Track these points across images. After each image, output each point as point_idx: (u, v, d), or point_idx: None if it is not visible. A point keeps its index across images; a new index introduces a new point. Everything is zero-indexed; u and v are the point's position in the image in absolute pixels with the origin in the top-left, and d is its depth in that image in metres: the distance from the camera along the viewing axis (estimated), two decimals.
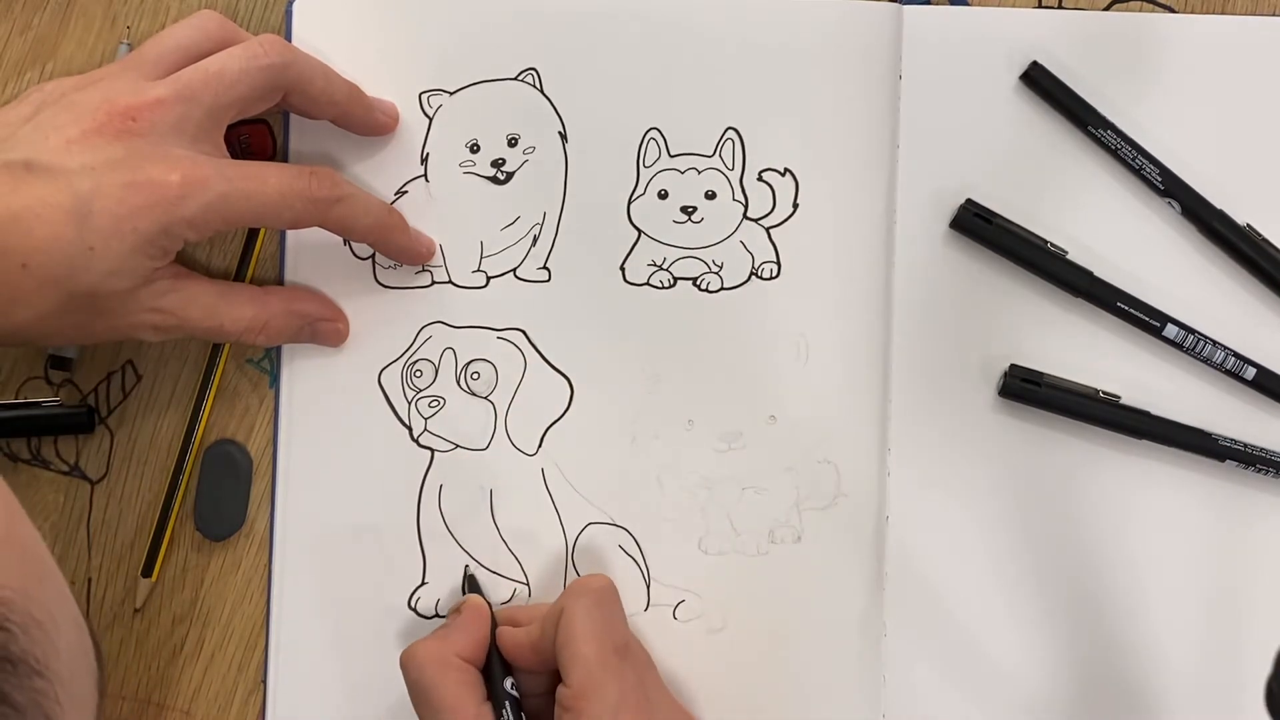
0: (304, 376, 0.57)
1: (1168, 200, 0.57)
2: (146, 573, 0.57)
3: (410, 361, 0.57)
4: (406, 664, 0.51)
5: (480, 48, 0.57)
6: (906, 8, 0.57)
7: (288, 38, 0.57)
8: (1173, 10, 0.58)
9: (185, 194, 0.48)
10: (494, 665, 0.52)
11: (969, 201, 0.57)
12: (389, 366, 0.57)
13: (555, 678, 0.51)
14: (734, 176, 0.57)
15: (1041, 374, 0.57)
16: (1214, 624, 0.57)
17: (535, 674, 0.53)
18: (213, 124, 0.51)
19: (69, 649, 0.34)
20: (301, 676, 0.57)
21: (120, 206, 0.47)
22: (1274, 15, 0.58)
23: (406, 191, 0.57)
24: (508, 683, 0.52)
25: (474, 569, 0.57)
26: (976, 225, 0.57)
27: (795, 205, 0.57)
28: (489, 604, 0.54)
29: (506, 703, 0.51)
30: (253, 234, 0.57)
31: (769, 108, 0.57)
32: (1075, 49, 0.57)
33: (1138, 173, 0.57)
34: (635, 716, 0.48)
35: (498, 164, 0.57)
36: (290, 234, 0.57)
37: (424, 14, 0.57)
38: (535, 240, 0.57)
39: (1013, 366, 0.57)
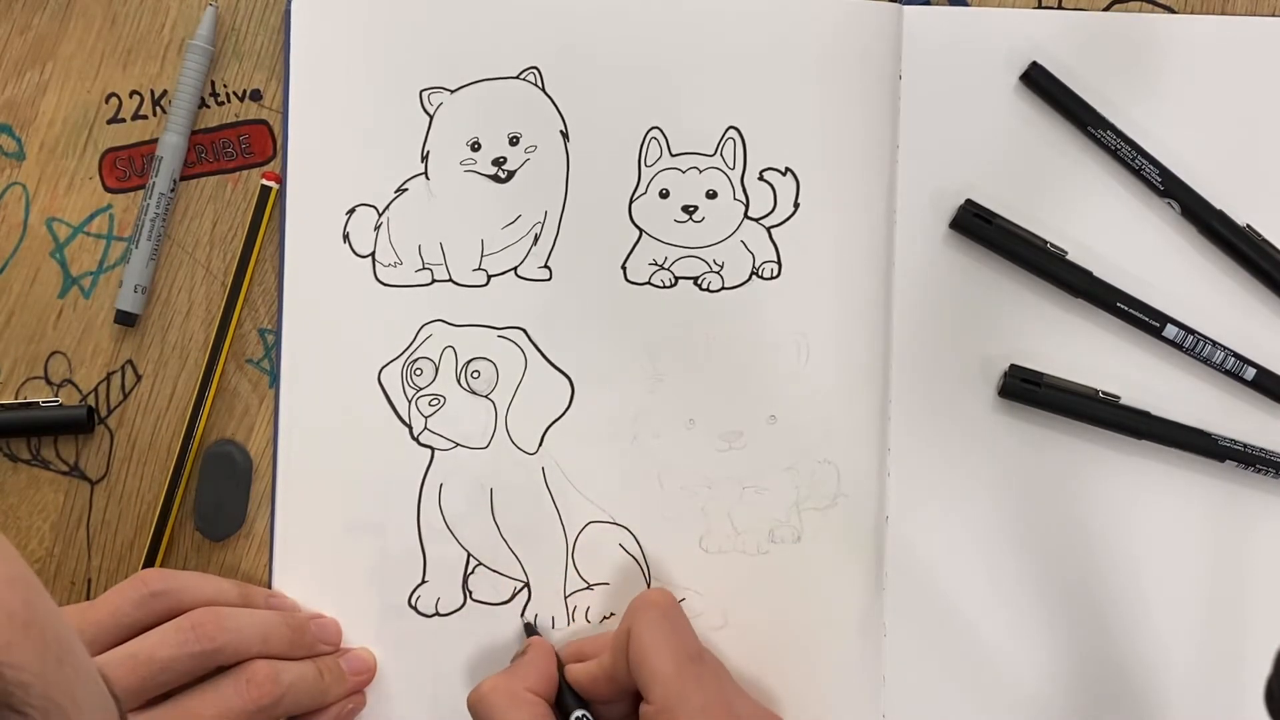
0: (304, 376, 0.57)
1: (1168, 200, 0.57)
2: None
3: (410, 360, 0.57)
4: (476, 703, 0.51)
5: (481, 46, 0.57)
6: (906, 8, 0.58)
7: (287, 37, 0.57)
8: (1173, 10, 0.58)
9: None
10: (566, 698, 0.53)
11: (969, 202, 0.57)
12: (389, 365, 0.57)
13: (632, 702, 0.51)
14: (735, 176, 0.57)
15: (1041, 374, 0.57)
16: (1214, 624, 0.57)
17: (611, 704, 0.53)
18: (139, 700, 0.50)
19: None
20: None
21: None
22: (1274, 15, 0.58)
23: (406, 189, 0.57)
24: (579, 713, 0.52)
25: (529, 617, 0.57)
26: (976, 225, 0.57)
27: (796, 205, 0.57)
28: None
29: None
30: (252, 235, 0.57)
31: (770, 107, 0.57)
32: (1075, 49, 0.57)
33: (1137, 173, 0.57)
34: None
35: (499, 162, 0.57)
36: (289, 233, 0.57)
37: (424, 12, 0.57)
38: (536, 239, 0.57)
39: (1013, 366, 0.57)
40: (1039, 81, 0.57)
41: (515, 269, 0.57)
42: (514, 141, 0.57)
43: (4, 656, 0.29)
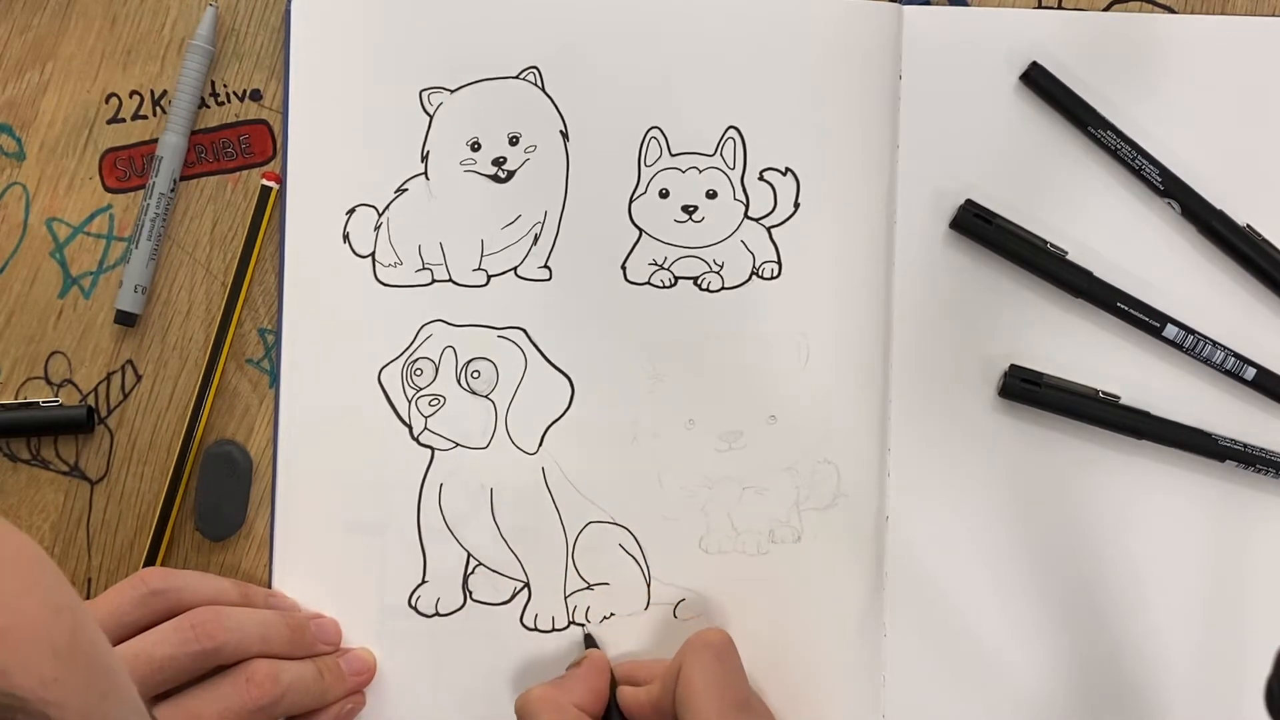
0: (304, 376, 0.57)
1: (1168, 200, 0.57)
2: None
3: (410, 360, 0.57)
4: (522, 708, 0.51)
5: (481, 46, 0.57)
6: (906, 8, 0.58)
7: (287, 37, 0.57)
8: (1173, 10, 0.58)
9: None
10: (613, 718, 0.53)
11: (969, 202, 0.57)
12: (389, 365, 0.57)
13: None
14: (735, 176, 0.57)
15: (1041, 374, 0.57)
16: (1214, 624, 0.57)
17: None
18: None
19: None
20: None
21: None
22: (1274, 15, 0.58)
23: (406, 189, 0.57)
24: None
25: (591, 629, 0.57)
26: (976, 225, 0.57)
27: (796, 205, 0.57)
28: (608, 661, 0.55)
29: None
30: (252, 235, 0.57)
31: (770, 107, 0.57)
32: (1075, 49, 0.57)
33: (1137, 173, 0.57)
34: None
35: (499, 162, 0.57)
36: (289, 233, 0.57)
37: (424, 12, 0.57)
38: (536, 239, 0.57)
39: (1013, 366, 0.57)
40: (1039, 81, 0.57)
41: (515, 269, 0.57)
42: (514, 141, 0.57)
43: (47, 694, 0.27)
